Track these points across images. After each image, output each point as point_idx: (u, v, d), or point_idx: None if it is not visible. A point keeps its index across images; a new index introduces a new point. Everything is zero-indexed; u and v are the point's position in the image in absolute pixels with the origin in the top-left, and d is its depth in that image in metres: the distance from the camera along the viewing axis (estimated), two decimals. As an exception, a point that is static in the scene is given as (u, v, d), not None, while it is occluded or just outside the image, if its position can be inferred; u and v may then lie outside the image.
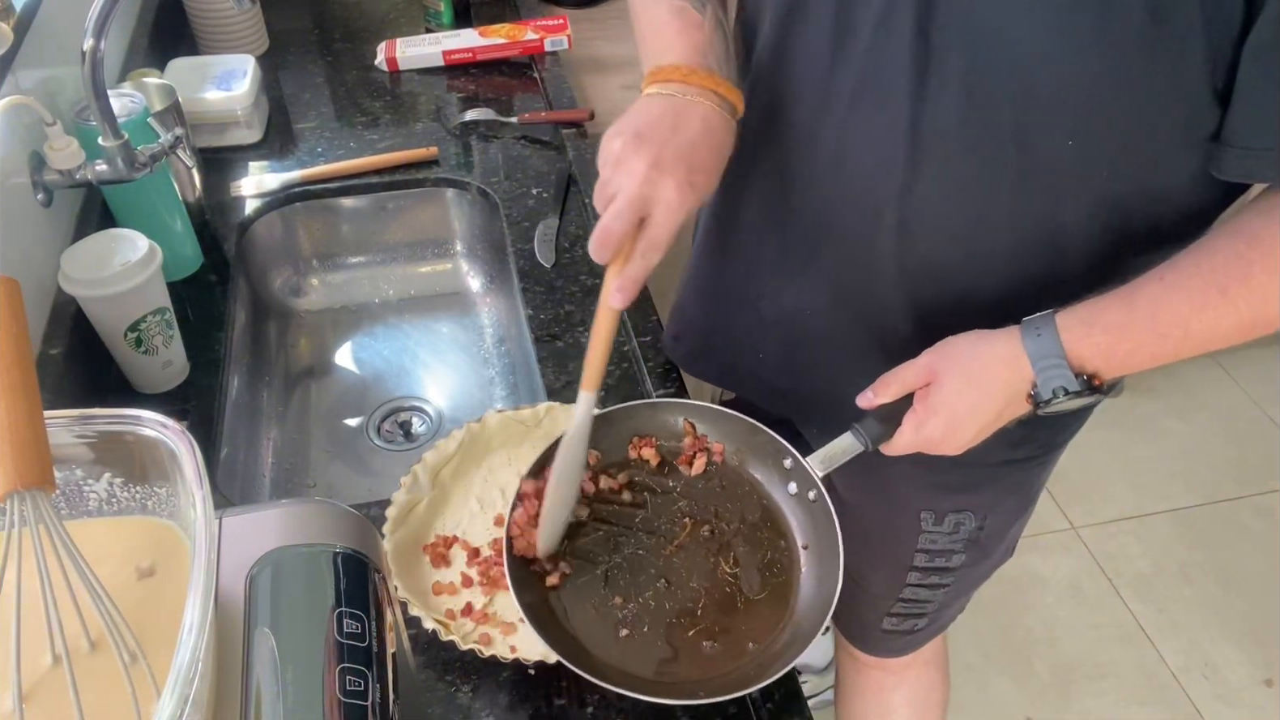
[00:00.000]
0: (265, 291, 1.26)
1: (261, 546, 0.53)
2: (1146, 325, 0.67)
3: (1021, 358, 0.70)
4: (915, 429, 0.74)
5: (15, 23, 0.96)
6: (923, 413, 0.73)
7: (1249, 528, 2.06)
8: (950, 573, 1.02)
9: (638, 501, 0.80)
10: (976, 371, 0.72)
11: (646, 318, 1.08)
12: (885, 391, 0.75)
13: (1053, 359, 0.69)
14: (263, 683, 0.48)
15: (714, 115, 0.71)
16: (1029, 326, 0.70)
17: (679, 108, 0.71)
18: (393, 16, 1.63)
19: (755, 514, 0.79)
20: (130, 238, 0.93)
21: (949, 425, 0.73)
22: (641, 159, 0.66)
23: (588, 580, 0.75)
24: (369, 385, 1.20)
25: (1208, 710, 1.76)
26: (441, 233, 1.33)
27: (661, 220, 0.67)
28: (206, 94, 1.30)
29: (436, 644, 0.76)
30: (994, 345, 0.72)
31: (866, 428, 0.76)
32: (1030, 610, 1.90)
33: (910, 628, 1.10)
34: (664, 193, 0.66)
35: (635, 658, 0.71)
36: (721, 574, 0.76)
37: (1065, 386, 0.69)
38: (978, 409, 0.72)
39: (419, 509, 0.85)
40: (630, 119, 0.70)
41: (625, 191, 0.66)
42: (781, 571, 0.76)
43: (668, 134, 0.68)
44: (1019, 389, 0.71)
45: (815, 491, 0.77)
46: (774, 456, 0.80)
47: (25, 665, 0.47)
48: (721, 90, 0.72)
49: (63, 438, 0.52)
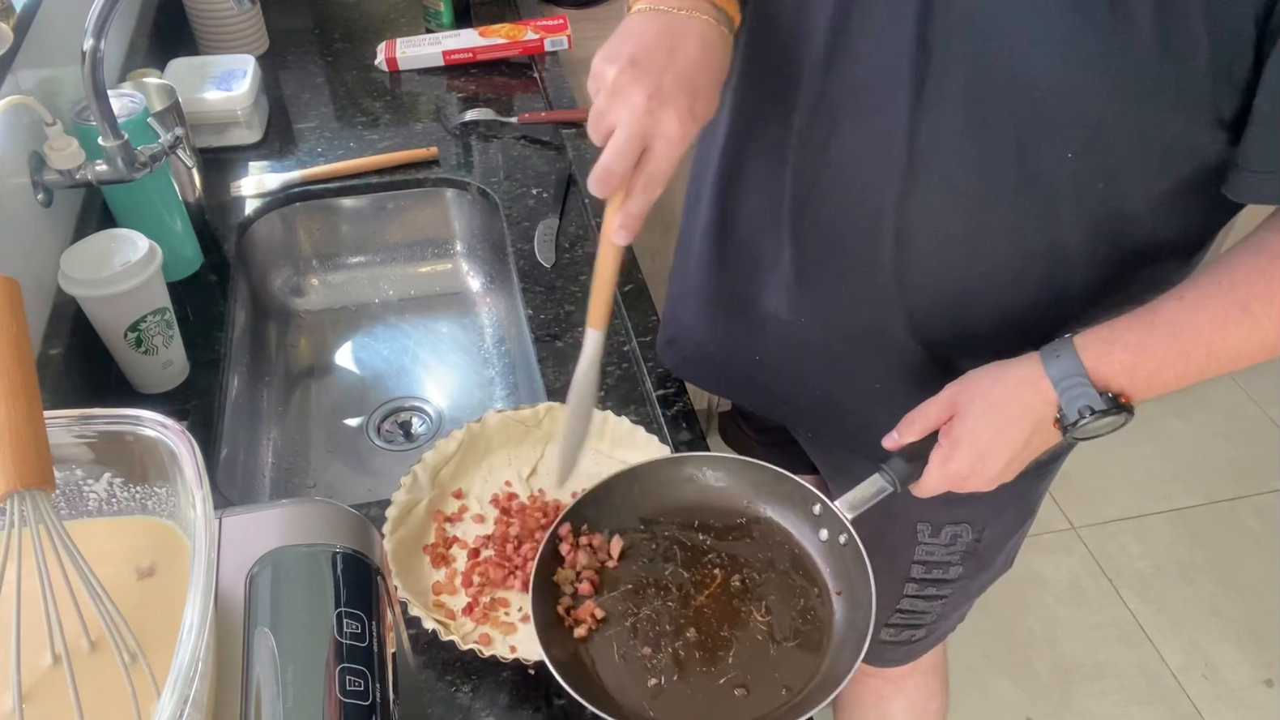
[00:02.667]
0: (265, 291, 1.26)
1: (261, 546, 0.53)
2: (1168, 343, 0.66)
3: (1042, 380, 0.68)
4: (942, 465, 0.72)
5: (15, 23, 0.96)
6: (948, 447, 0.72)
7: (1249, 528, 2.06)
8: (948, 584, 1.01)
9: (667, 555, 0.79)
10: (998, 398, 0.70)
11: (646, 317, 1.08)
12: (909, 430, 0.74)
13: (1075, 378, 0.67)
14: (263, 683, 0.48)
15: (712, 32, 0.67)
16: (1048, 350, 0.69)
17: (675, 27, 0.66)
18: (393, 16, 1.63)
19: (786, 562, 0.78)
20: (130, 238, 0.93)
21: (976, 457, 0.70)
22: (640, 89, 0.63)
23: (617, 632, 0.74)
24: (369, 385, 1.20)
25: (1208, 710, 1.76)
26: (441, 233, 1.33)
27: (663, 153, 0.64)
28: (206, 94, 1.30)
29: (436, 644, 0.76)
30: (1014, 371, 0.70)
31: (894, 468, 0.74)
32: (1030, 610, 1.90)
33: (908, 638, 1.09)
34: (665, 125, 0.63)
35: (665, 707, 0.70)
36: (754, 622, 0.74)
37: (1091, 405, 0.67)
38: (1003, 437, 0.70)
39: (419, 509, 0.85)
40: (624, 41, 0.65)
41: (625, 126, 0.63)
42: (815, 618, 0.75)
43: (665, 59, 0.64)
44: (1044, 414, 0.69)
45: (846, 535, 0.75)
46: (802, 504, 0.79)
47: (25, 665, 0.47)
48: (719, 1, 0.67)
49: (63, 438, 0.52)
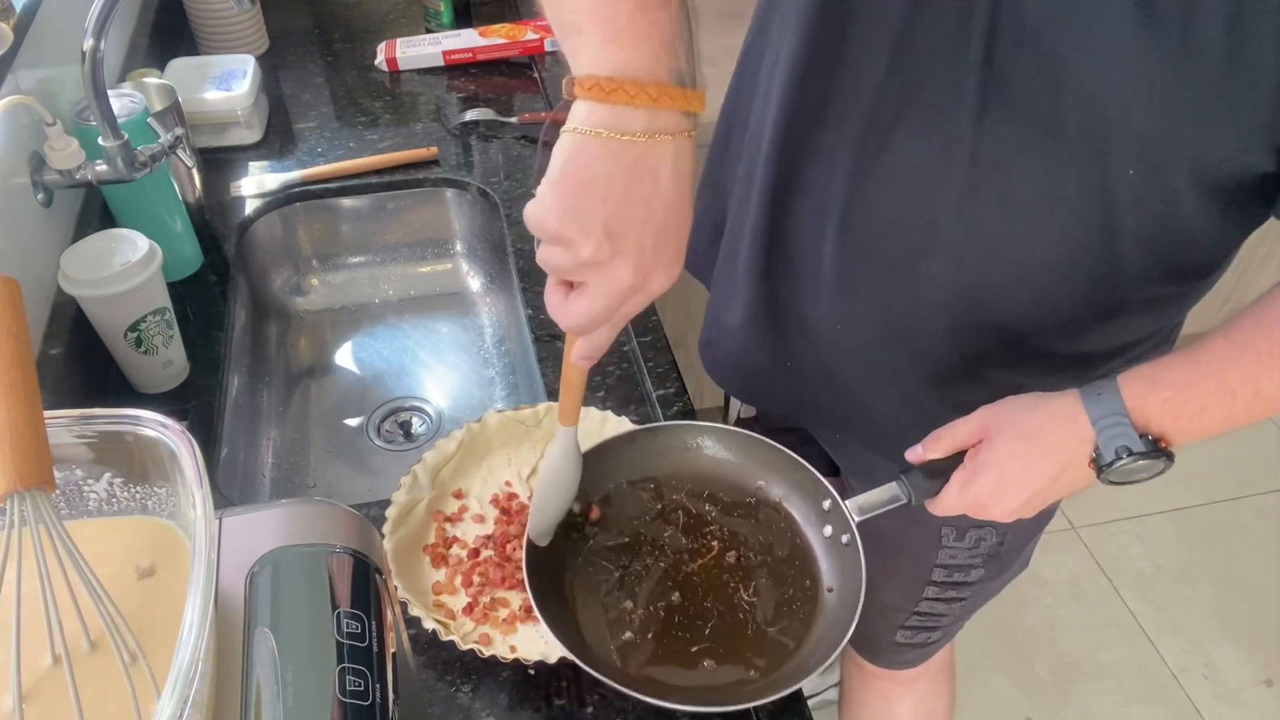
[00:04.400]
0: (265, 291, 1.26)
1: (261, 546, 0.53)
2: (1214, 383, 0.64)
3: (1080, 416, 0.66)
4: (962, 487, 0.70)
5: (15, 23, 0.96)
6: (971, 470, 0.70)
7: (1249, 528, 2.05)
8: (968, 586, 1.00)
9: (670, 517, 0.79)
10: (1032, 429, 0.68)
11: (646, 317, 1.08)
12: (935, 447, 0.72)
13: (1114, 417, 0.65)
14: (263, 683, 0.48)
15: (684, 151, 0.54)
16: (1089, 387, 0.67)
17: (645, 166, 0.53)
18: (393, 16, 1.63)
19: (785, 549, 0.77)
20: (130, 238, 0.93)
21: (998, 485, 0.69)
22: (623, 266, 0.54)
23: (604, 580, 0.74)
24: (369, 385, 1.20)
25: (1208, 710, 1.76)
26: (441, 233, 1.33)
27: (643, 303, 0.58)
28: (206, 94, 1.30)
29: (436, 644, 0.76)
30: (1052, 403, 0.68)
31: (912, 481, 0.73)
32: (1030, 610, 1.90)
33: (923, 640, 1.09)
34: (653, 285, 0.57)
35: (631, 659, 0.70)
36: (738, 600, 0.74)
37: (1129, 447, 0.64)
38: (1031, 470, 0.68)
39: (419, 509, 0.85)
40: (586, 198, 0.52)
41: (605, 297, 0.55)
42: (800, 610, 0.74)
43: (644, 217, 0.54)
44: (1078, 452, 0.67)
45: (849, 536, 0.74)
46: (813, 496, 0.78)
47: (25, 665, 0.47)
48: (694, 106, 0.54)
49: (63, 438, 0.52)
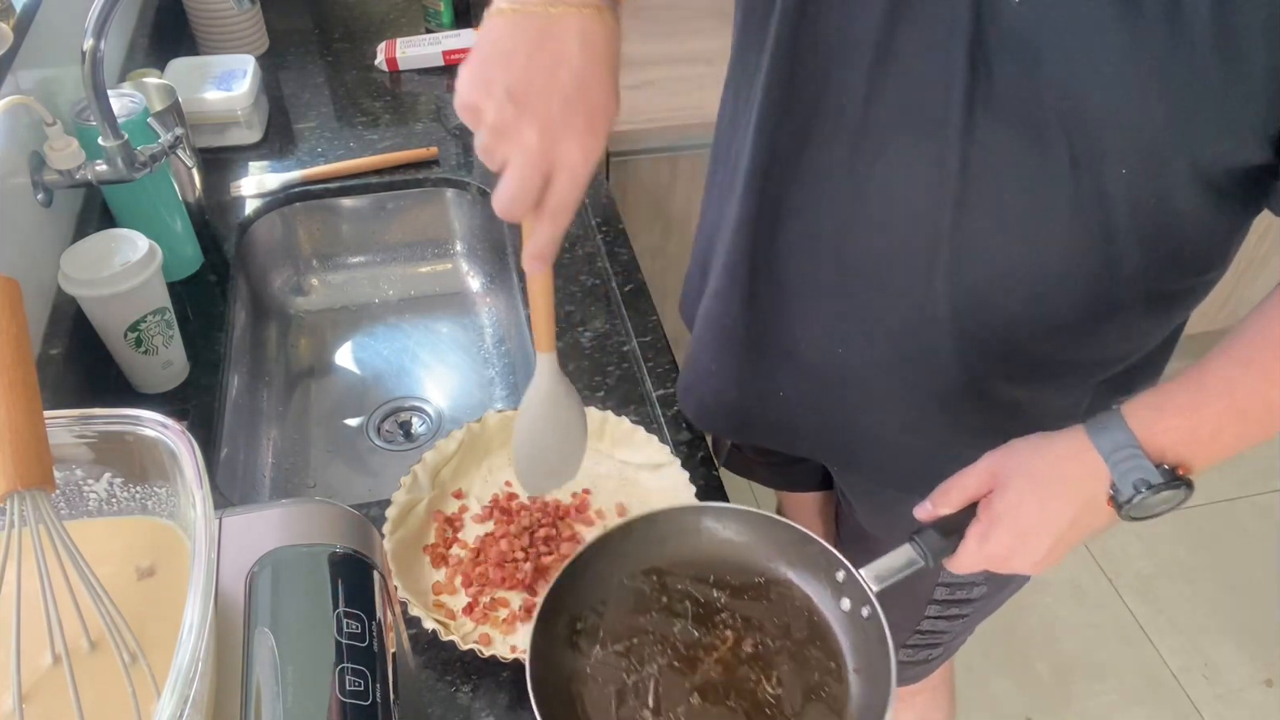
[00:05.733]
0: (265, 291, 1.26)
1: (261, 546, 0.53)
2: (1223, 404, 0.62)
3: (1090, 452, 0.63)
4: (980, 542, 0.67)
5: (15, 23, 0.97)
6: (986, 523, 0.66)
7: (1249, 528, 2.05)
8: (970, 604, 0.98)
9: (678, 610, 0.74)
10: (1041, 471, 0.65)
11: (646, 317, 1.08)
12: (945, 501, 0.69)
13: (1127, 449, 0.62)
14: (263, 683, 0.48)
15: (592, 24, 0.56)
16: (1094, 422, 0.64)
17: (547, 34, 0.55)
18: (393, 16, 1.63)
19: (803, 630, 0.73)
20: (130, 238, 0.93)
21: (1017, 536, 0.65)
22: (528, 127, 0.54)
23: (617, 690, 0.69)
24: (369, 385, 1.20)
25: (1208, 710, 1.76)
26: (441, 233, 1.33)
27: (568, 183, 0.56)
28: (206, 94, 1.30)
29: (436, 644, 0.76)
30: (1059, 442, 0.65)
31: (926, 540, 0.68)
32: (1030, 610, 1.90)
33: (925, 658, 1.07)
34: (566, 158, 0.55)
35: None
36: (762, 695, 0.70)
37: (1147, 479, 0.61)
38: (1047, 515, 0.65)
39: (419, 509, 0.85)
40: (492, 65, 0.55)
41: (520, 169, 0.55)
42: (828, 696, 0.70)
43: (546, 81, 0.55)
44: (1095, 491, 0.64)
45: (869, 608, 0.70)
46: (825, 569, 0.73)
47: (25, 665, 0.47)
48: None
49: (63, 438, 0.52)
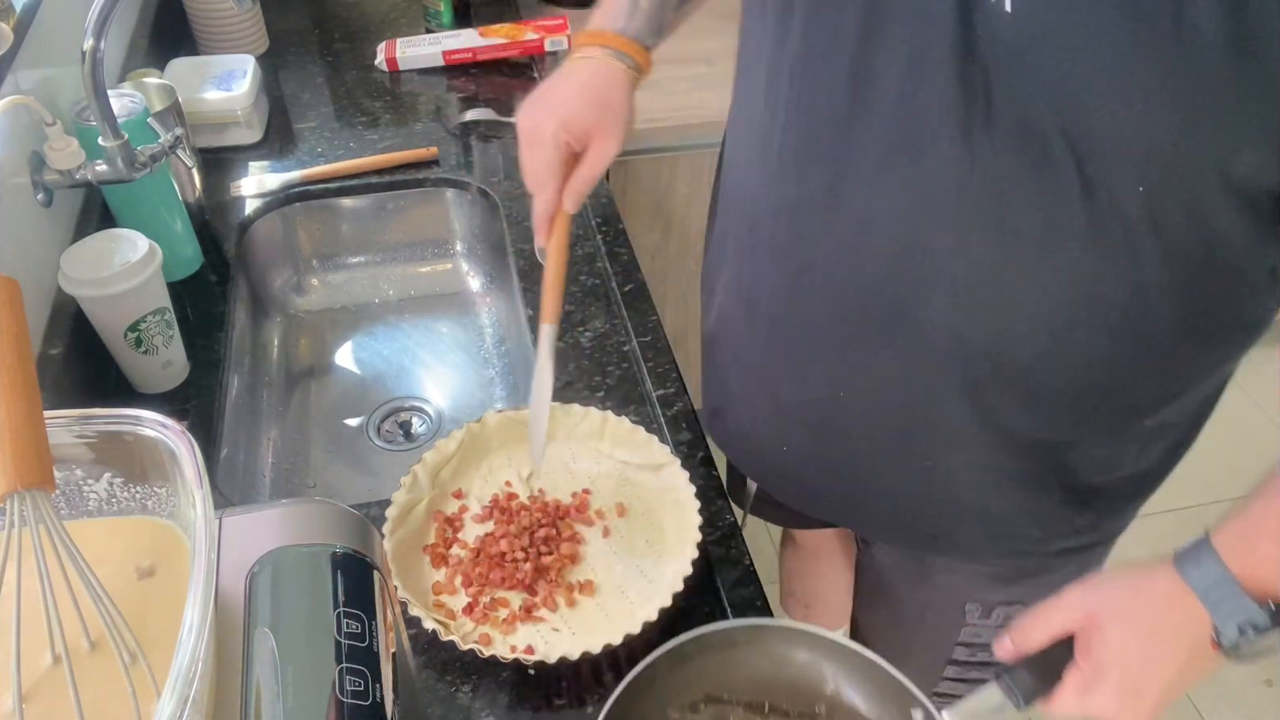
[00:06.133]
0: (265, 291, 1.26)
1: (261, 546, 0.53)
2: None
3: (1188, 595, 0.59)
4: (1081, 693, 0.62)
5: (15, 23, 0.96)
6: (1090, 673, 0.61)
7: (1249, 528, 2.05)
8: (991, 666, 0.92)
9: None
10: (1142, 616, 0.60)
11: (646, 317, 1.08)
12: (1027, 639, 0.64)
13: (1223, 588, 0.58)
14: (263, 683, 0.48)
15: (597, 69, 0.80)
16: (1183, 557, 0.60)
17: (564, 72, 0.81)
18: (393, 16, 1.63)
19: None
20: (130, 238, 0.93)
21: (1127, 690, 0.60)
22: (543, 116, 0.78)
23: None
24: (369, 385, 1.20)
25: (1208, 710, 1.76)
26: (441, 233, 1.33)
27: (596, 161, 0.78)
28: (206, 94, 1.30)
29: (436, 644, 0.76)
30: (1154, 582, 0.61)
31: (1018, 680, 0.63)
32: (1030, 610, 1.90)
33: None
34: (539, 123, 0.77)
35: None
36: None
37: (1253, 622, 0.56)
38: (1154, 664, 0.60)
39: (419, 509, 0.85)
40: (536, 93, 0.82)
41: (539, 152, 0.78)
42: None
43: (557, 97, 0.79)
44: (1198, 635, 0.59)
45: None
46: (896, 701, 0.69)
47: (25, 665, 0.47)
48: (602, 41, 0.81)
49: (63, 438, 0.52)
